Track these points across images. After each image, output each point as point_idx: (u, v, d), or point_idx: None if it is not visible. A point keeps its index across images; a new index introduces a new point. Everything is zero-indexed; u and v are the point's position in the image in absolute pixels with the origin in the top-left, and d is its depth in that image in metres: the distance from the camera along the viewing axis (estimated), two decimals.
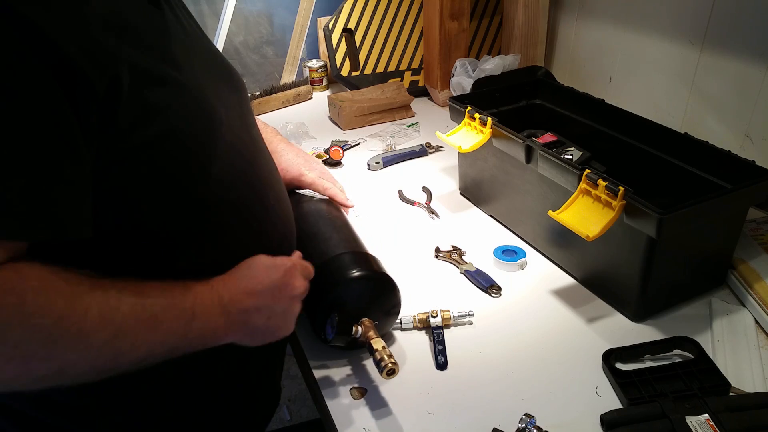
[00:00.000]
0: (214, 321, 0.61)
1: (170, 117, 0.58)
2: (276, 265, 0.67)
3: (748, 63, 1.11)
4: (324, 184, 0.99)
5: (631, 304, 0.87)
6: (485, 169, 1.13)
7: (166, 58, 0.60)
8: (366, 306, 0.79)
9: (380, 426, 0.72)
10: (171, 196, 0.61)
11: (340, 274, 0.78)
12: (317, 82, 1.82)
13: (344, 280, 0.77)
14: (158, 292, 0.58)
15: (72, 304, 0.51)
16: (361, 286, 0.78)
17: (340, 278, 0.77)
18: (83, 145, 0.51)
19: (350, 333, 0.76)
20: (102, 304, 0.53)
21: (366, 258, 0.82)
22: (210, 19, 1.81)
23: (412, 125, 1.55)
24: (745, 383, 0.75)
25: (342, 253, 0.82)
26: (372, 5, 1.67)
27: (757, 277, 0.89)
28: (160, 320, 0.57)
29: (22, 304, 0.48)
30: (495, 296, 0.93)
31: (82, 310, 0.51)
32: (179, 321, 0.58)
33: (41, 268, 0.50)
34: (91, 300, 0.52)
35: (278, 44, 1.93)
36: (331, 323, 0.76)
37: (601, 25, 1.46)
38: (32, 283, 0.49)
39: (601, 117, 1.12)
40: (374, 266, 0.80)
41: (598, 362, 0.79)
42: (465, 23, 1.59)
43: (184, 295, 0.59)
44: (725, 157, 0.90)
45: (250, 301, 0.64)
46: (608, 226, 0.79)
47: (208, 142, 0.63)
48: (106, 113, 0.52)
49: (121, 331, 0.54)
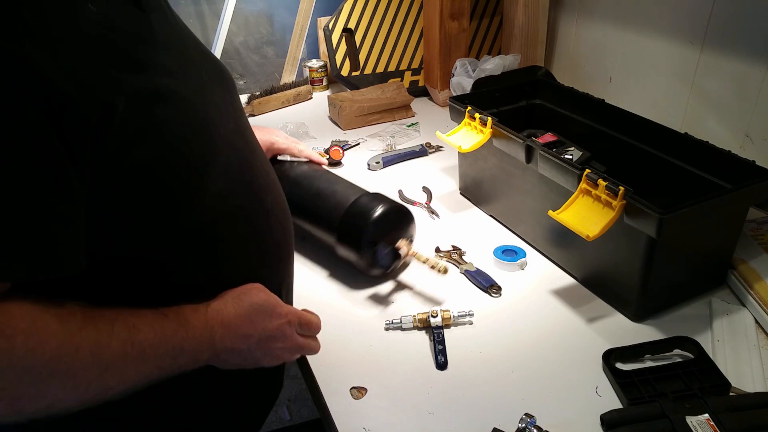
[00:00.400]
0: (200, 355, 0.62)
1: (166, 134, 0.57)
2: (279, 314, 0.67)
3: (748, 63, 1.11)
4: (297, 147, 1.05)
5: (631, 303, 0.87)
6: (485, 169, 1.13)
7: (158, 68, 0.57)
8: (394, 233, 0.93)
9: (380, 426, 0.72)
10: (168, 216, 0.60)
11: (367, 213, 0.90)
12: (317, 82, 1.82)
13: (375, 216, 0.89)
14: (150, 328, 0.57)
15: (63, 344, 0.50)
16: (388, 217, 0.91)
17: (370, 216, 0.89)
18: (75, 179, 0.49)
19: (399, 255, 0.91)
20: (93, 343, 0.52)
21: (379, 196, 0.95)
22: (210, 19, 1.81)
23: (412, 125, 1.55)
24: (745, 383, 0.75)
25: (357, 198, 0.93)
26: (372, 5, 1.67)
27: (757, 277, 0.89)
28: (149, 356, 0.57)
29: (12, 348, 0.47)
30: (495, 296, 0.93)
31: (73, 349, 0.50)
32: (167, 356, 0.59)
33: (31, 307, 0.49)
34: (83, 338, 0.52)
35: (278, 44, 1.93)
36: (380, 254, 0.90)
37: (601, 25, 1.46)
38: (22, 324, 0.48)
39: (601, 117, 1.12)
40: (390, 200, 0.94)
41: (598, 362, 0.79)
42: (465, 23, 1.59)
43: (176, 332, 0.59)
44: (725, 157, 0.90)
45: (240, 343, 0.65)
46: (608, 226, 0.79)
47: (205, 156, 0.62)
48: (98, 141, 0.50)
49: (111, 367, 0.54)
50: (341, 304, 0.93)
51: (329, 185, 0.99)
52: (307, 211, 0.96)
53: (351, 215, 0.91)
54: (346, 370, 0.80)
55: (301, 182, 1.00)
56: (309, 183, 0.99)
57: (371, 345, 0.84)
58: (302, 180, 1.01)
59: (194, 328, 0.61)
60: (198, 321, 0.61)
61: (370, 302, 0.93)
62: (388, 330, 0.87)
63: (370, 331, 0.87)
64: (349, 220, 0.91)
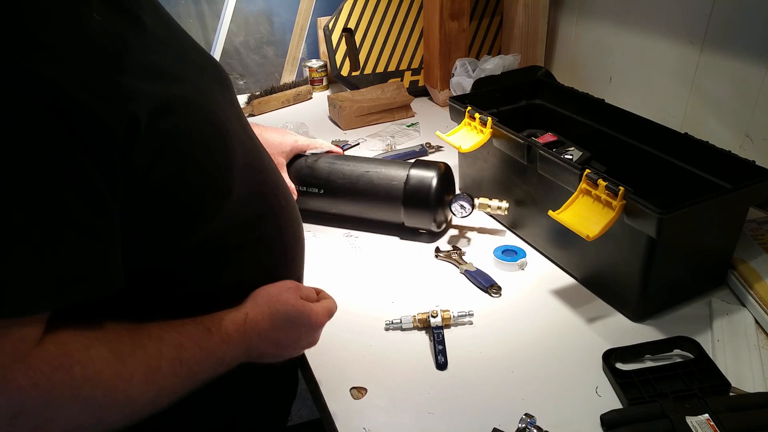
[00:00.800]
0: (235, 362, 0.63)
1: (187, 143, 0.56)
2: (310, 325, 0.68)
3: (748, 63, 1.11)
4: (316, 141, 1.13)
5: (631, 303, 0.87)
6: (485, 169, 1.13)
7: (168, 75, 0.56)
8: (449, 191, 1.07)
9: (380, 426, 0.72)
10: (193, 226, 0.59)
11: (429, 178, 1.02)
12: (317, 82, 1.82)
13: (437, 178, 1.02)
14: (195, 345, 0.58)
15: (118, 372, 0.51)
16: (445, 176, 1.05)
17: (434, 178, 1.02)
18: (108, 195, 0.48)
19: (473, 204, 1.04)
20: (145, 367, 0.53)
21: (424, 161, 1.08)
22: (210, 19, 1.81)
23: (412, 125, 1.55)
24: (745, 383, 0.75)
25: (410, 168, 1.05)
26: (372, 5, 1.67)
27: (757, 277, 0.89)
28: (195, 372, 0.58)
29: (72, 379, 0.47)
30: (495, 296, 0.93)
31: (127, 376, 0.51)
32: (211, 370, 0.60)
33: (80, 335, 0.50)
34: (135, 364, 0.52)
35: (278, 44, 1.93)
36: (460, 204, 1.04)
37: (601, 25, 1.46)
38: (77, 355, 0.48)
39: (601, 117, 1.12)
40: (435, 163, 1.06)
41: (598, 362, 0.79)
42: (465, 23, 1.59)
43: (219, 347, 0.60)
44: (725, 157, 0.90)
45: (272, 349, 0.67)
46: (608, 226, 0.79)
47: (225, 162, 0.62)
48: (126, 154, 0.49)
49: (163, 390, 0.55)
50: (341, 304, 0.92)
51: (369, 165, 1.08)
52: (361, 191, 1.06)
53: (413, 185, 1.03)
54: (346, 370, 0.80)
55: (342, 168, 1.08)
56: (349, 169, 1.08)
57: (371, 345, 0.84)
58: (342, 166, 1.09)
59: (234, 341, 0.62)
60: (237, 334, 0.62)
61: (370, 302, 0.93)
62: (388, 330, 0.87)
63: (370, 331, 0.87)
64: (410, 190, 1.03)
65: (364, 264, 1.02)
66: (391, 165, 1.07)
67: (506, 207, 1.03)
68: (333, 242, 1.09)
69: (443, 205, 1.04)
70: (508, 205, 1.03)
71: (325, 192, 1.08)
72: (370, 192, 1.06)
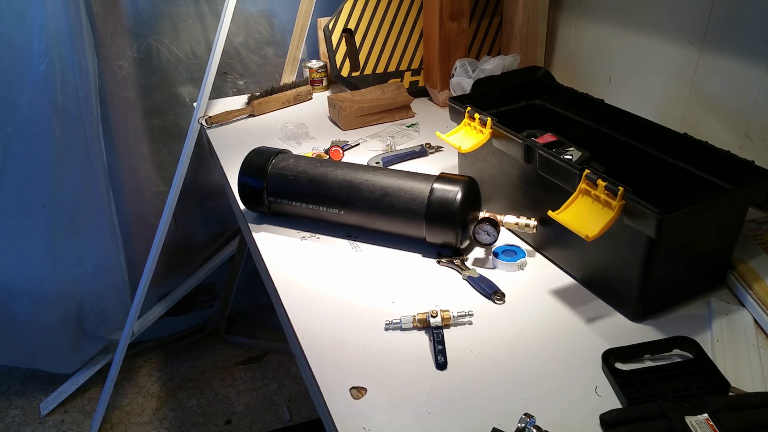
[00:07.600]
0: None
1: None
2: None
3: (748, 63, 1.11)
4: None
5: (630, 304, 0.87)
6: (485, 169, 1.13)
7: None
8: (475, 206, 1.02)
9: (380, 426, 0.72)
10: None
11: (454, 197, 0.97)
12: (317, 82, 1.82)
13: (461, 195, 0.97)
14: None
15: None
16: (470, 193, 0.99)
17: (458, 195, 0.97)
18: None
19: (497, 227, 0.98)
20: None
21: (448, 176, 1.01)
22: (210, 19, 1.81)
23: (412, 125, 1.56)
24: (745, 383, 0.75)
25: (434, 182, 0.99)
26: (372, 5, 1.67)
27: (757, 277, 0.89)
28: None
29: None
30: (498, 303, 0.92)
31: None
32: None
33: None
34: None
35: (278, 45, 1.93)
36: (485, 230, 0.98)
37: (601, 25, 1.47)
38: None
39: (600, 117, 1.12)
40: (458, 176, 1.00)
41: (598, 362, 0.79)
42: (465, 24, 1.59)
43: None
44: (725, 157, 0.90)
45: None
46: (608, 226, 0.79)
47: None
48: None
49: None
50: (341, 305, 0.93)
51: (386, 177, 1.03)
52: (380, 209, 1.02)
53: (437, 201, 0.97)
54: (346, 370, 0.80)
55: (360, 189, 1.04)
56: (370, 190, 1.03)
57: (371, 345, 0.84)
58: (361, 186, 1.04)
59: None
60: None
61: (370, 302, 0.93)
62: (388, 330, 0.87)
63: (370, 331, 0.87)
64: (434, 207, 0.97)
65: (365, 264, 1.02)
66: (406, 178, 1.02)
67: (534, 225, 0.98)
68: (334, 242, 1.09)
69: (467, 223, 1.00)
70: (536, 223, 0.98)
71: (345, 213, 1.06)
72: (392, 213, 1.01)
